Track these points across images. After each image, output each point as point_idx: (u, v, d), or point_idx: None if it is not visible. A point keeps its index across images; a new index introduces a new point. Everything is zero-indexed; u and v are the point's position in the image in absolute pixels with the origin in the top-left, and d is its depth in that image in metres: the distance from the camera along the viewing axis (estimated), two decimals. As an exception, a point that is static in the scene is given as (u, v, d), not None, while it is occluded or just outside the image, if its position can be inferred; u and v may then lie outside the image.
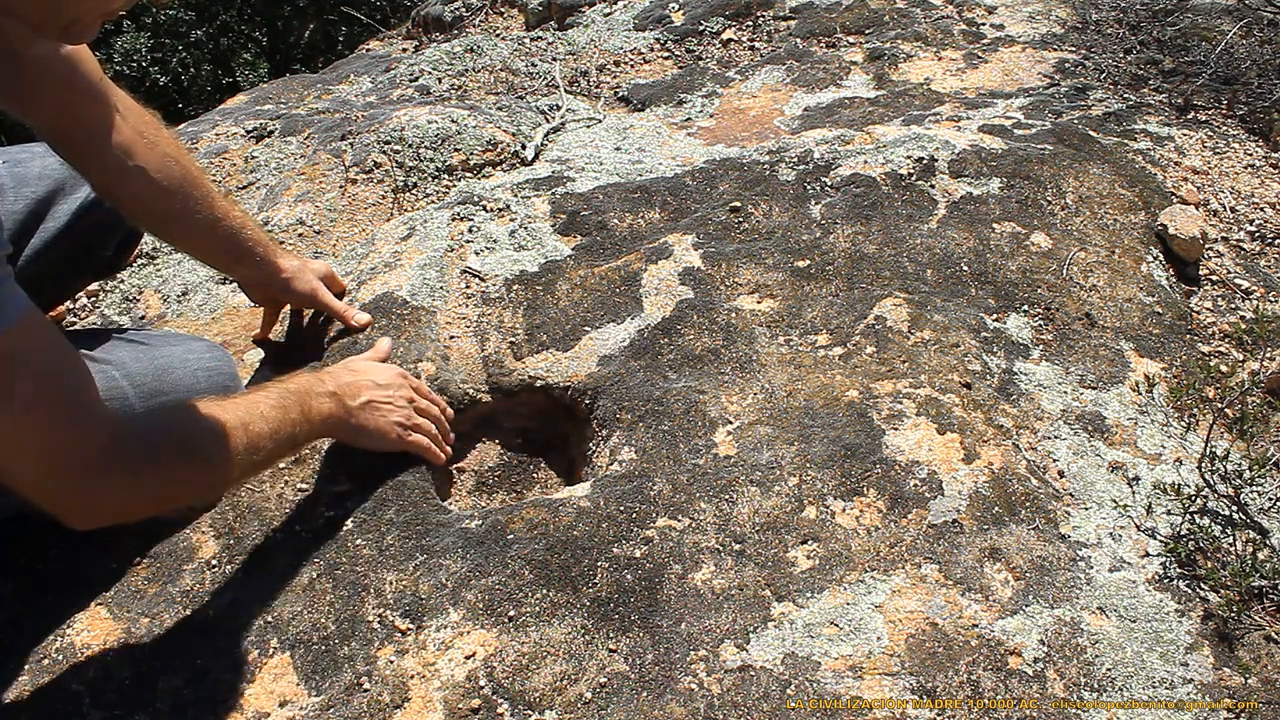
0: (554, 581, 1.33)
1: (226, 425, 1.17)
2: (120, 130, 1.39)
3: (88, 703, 1.26)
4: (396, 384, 1.49)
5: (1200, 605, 1.31)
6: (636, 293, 1.77)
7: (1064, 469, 1.49)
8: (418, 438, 1.49)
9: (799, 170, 2.05)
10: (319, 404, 1.36)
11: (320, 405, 1.36)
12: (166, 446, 1.13)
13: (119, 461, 1.06)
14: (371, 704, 1.22)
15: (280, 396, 1.29)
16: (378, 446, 1.47)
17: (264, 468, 1.33)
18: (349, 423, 1.42)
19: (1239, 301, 1.85)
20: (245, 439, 1.20)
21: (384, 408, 1.45)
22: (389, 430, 1.46)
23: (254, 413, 1.23)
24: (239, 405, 1.22)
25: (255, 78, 7.79)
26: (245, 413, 1.21)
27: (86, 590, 1.39)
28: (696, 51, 2.91)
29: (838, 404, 1.55)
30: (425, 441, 1.50)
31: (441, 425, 1.55)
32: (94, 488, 1.06)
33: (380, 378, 1.48)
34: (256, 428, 1.22)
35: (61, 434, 1.00)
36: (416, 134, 2.27)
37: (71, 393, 1.02)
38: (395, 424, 1.46)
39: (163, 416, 1.18)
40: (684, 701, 1.19)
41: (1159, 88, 2.47)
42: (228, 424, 1.18)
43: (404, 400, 1.49)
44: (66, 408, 1.01)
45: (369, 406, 1.44)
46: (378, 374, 1.49)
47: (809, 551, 1.35)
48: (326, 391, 1.39)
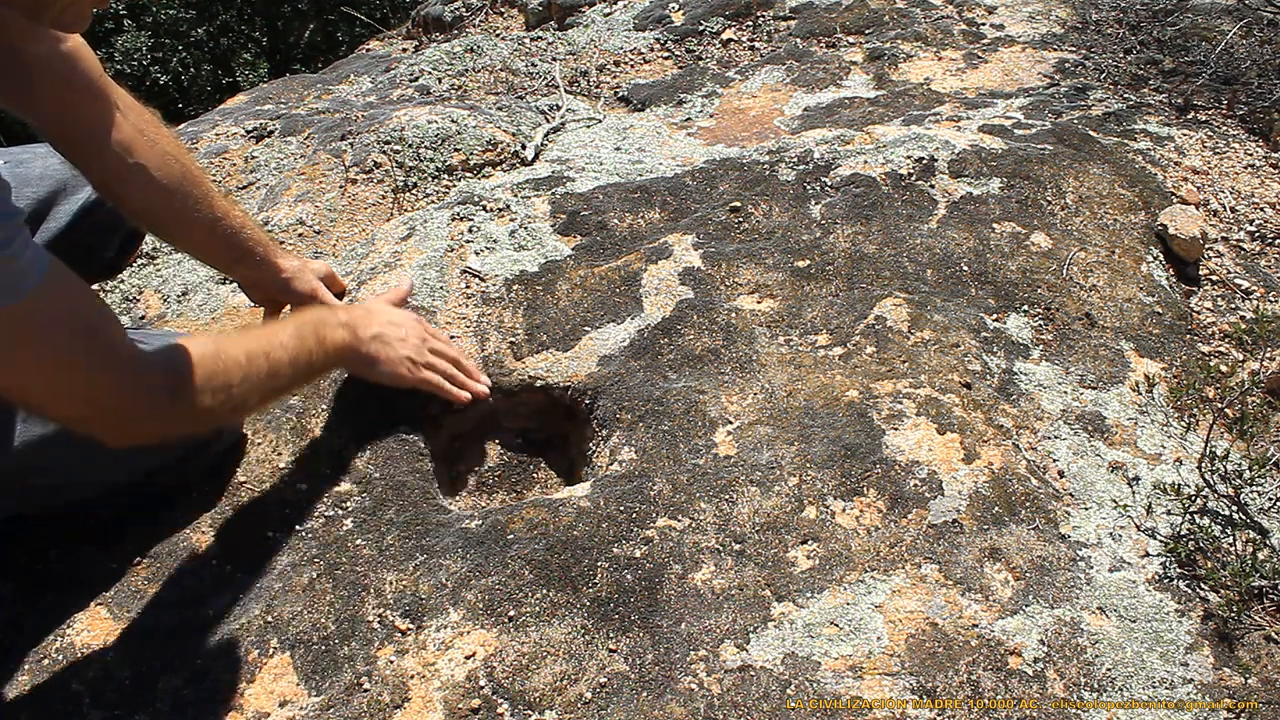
0: (554, 581, 1.33)
1: (249, 353, 1.24)
2: (120, 128, 1.39)
3: (88, 703, 1.26)
4: (409, 323, 1.54)
5: (1200, 605, 1.31)
6: (636, 293, 1.77)
7: (1064, 469, 1.49)
8: (429, 374, 1.52)
9: (799, 170, 2.05)
10: (333, 334, 1.41)
11: (334, 335, 1.41)
12: (193, 374, 1.17)
13: (150, 393, 1.13)
14: (371, 704, 1.22)
15: (297, 327, 1.35)
16: (389, 380, 1.50)
17: (285, 394, 1.40)
18: (360, 352, 1.45)
19: (1239, 301, 1.85)
20: (267, 366, 1.26)
21: (395, 342, 1.49)
22: (399, 363, 1.49)
23: (274, 342, 1.29)
24: (260, 336, 1.29)
25: (255, 78, 7.79)
26: (266, 342, 1.28)
27: (86, 590, 1.39)
28: (696, 51, 2.91)
29: (838, 404, 1.55)
30: (437, 378, 1.53)
31: (461, 365, 1.59)
32: (130, 417, 1.14)
33: (394, 316, 1.53)
34: (277, 355, 1.28)
35: (95, 376, 1.07)
36: (416, 134, 2.27)
37: (100, 337, 1.07)
38: (406, 358, 1.50)
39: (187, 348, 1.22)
40: (684, 701, 1.19)
41: (1159, 88, 2.47)
42: (251, 352, 1.24)
43: (416, 338, 1.53)
44: (97, 352, 1.07)
45: (380, 339, 1.47)
46: (392, 313, 1.54)
47: (809, 551, 1.35)
48: (340, 322, 1.43)
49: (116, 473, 1.41)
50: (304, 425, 1.58)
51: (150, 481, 1.45)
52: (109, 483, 1.42)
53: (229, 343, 1.24)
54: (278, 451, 1.55)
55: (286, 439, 1.56)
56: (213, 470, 1.52)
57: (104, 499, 1.45)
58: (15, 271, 0.95)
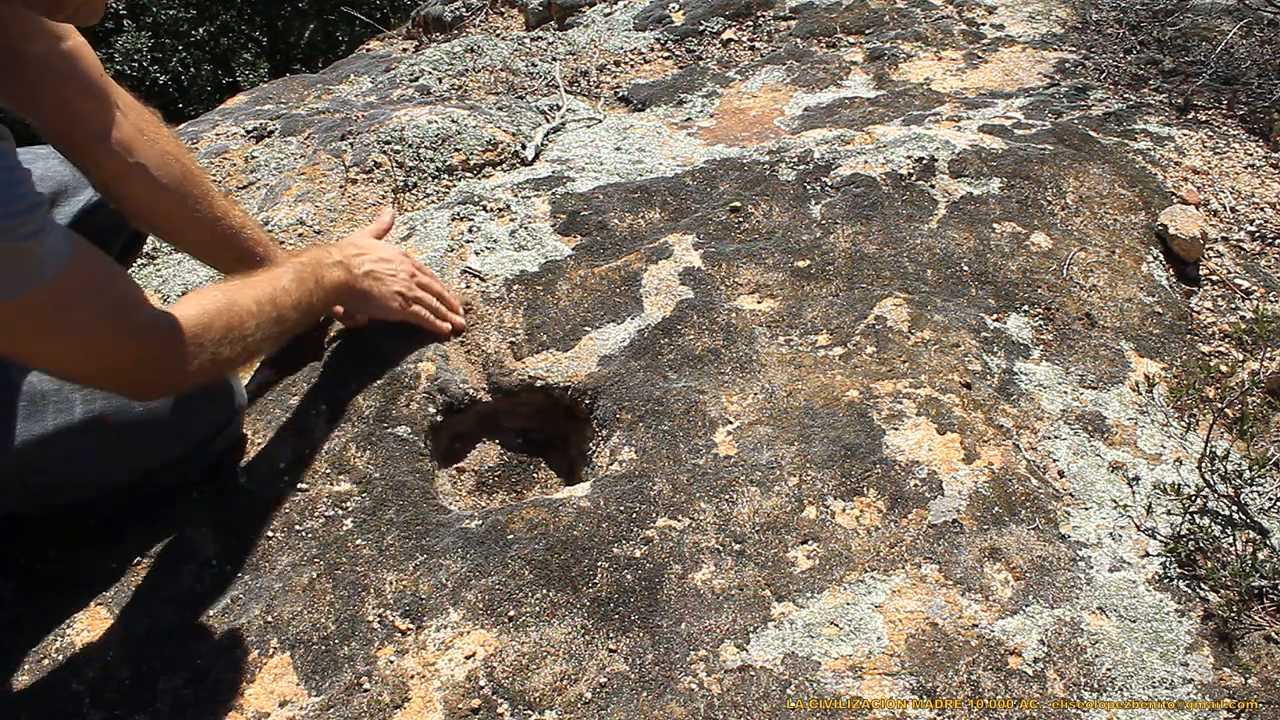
0: (554, 581, 1.33)
1: (258, 300, 1.31)
2: (120, 127, 1.39)
3: (88, 703, 1.26)
4: (399, 259, 1.62)
5: (1200, 605, 1.31)
6: (636, 293, 1.77)
7: (1064, 469, 1.49)
8: (418, 309, 1.62)
9: (799, 170, 2.05)
10: (330, 273, 1.48)
11: (331, 274, 1.48)
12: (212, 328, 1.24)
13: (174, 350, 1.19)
14: (371, 704, 1.22)
15: (297, 270, 1.41)
16: (381, 314, 1.60)
17: (291, 335, 1.45)
18: (356, 289, 1.53)
19: (1239, 301, 1.85)
20: (275, 312, 1.33)
21: (386, 278, 1.58)
22: (391, 298, 1.58)
23: (278, 287, 1.35)
24: (264, 282, 1.35)
25: (255, 78, 7.79)
26: (271, 288, 1.34)
27: (86, 590, 1.39)
28: (696, 51, 2.91)
29: (838, 404, 1.55)
30: (425, 313, 1.63)
31: (446, 300, 1.68)
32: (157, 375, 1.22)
33: (384, 252, 1.61)
34: (282, 300, 1.35)
35: (124, 341, 1.14)
36: (416, 134, 2.27)
37: (126, 304, 1.14)
38: (397, 293, 1.59)
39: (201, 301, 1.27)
40: (684, 701, 1.19)
41: (1159, 88, 2.47)
42: (259, 299, 1.31)
43: (405, 274, 1.61)
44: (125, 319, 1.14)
45: (372, 275, 1.56)
46: (381, 249, 1.61)
47: (809, 551, 1.35)
48: (334, 261, 1.50)
49: (116, 473, 1.41)
50: (304, 425, 1.58)
51: (150, 481, 1.45)
52: (109, 483, 1.42)
53: (239, 293, 1.30)
54: (278, 451, 1.55)
55: (286, 439, 1.56)
56: (213, 470, 1.52)
57: (104, 499, 1.45)
58: (45, 253, 1.00)
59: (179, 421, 1.41)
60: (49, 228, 1.00)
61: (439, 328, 1.65)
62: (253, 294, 1.31)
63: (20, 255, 0.97)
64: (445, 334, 1.66)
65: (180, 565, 1.41)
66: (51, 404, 1.27)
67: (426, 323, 1.64)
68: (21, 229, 0.96)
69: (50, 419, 1.27)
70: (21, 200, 0.96)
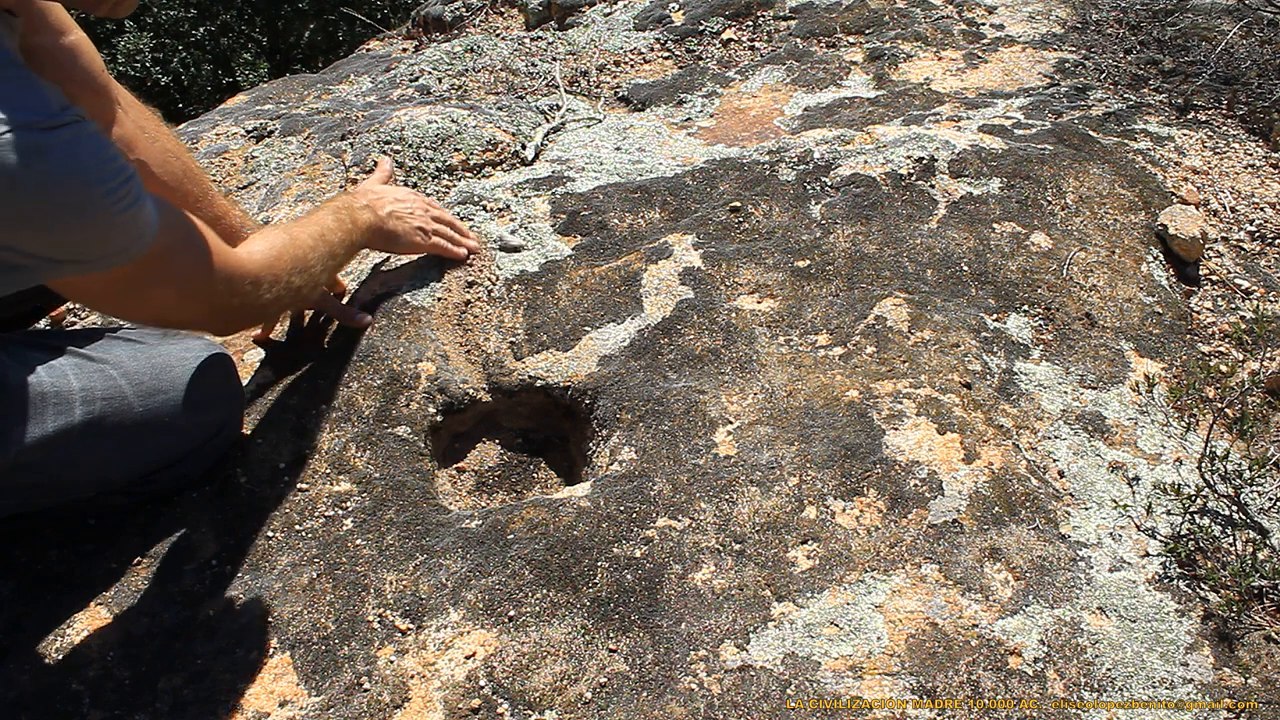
0: (554, 581, 1.33)
1: (313, 236, 1.43)
2: (121, 124, 1.39)
3: (88, 703, 1.26)
4: (410, 198, 1.72)
5: (1200, 605, 1.31)
6: (636, 293, 1.77)
7: (1064, 469, 1.49)
8: (438, 240, 1.74)
9: (799, 170, 2.05)
10: (361, 215, 1.57)
11: (363, 216, 1.58)
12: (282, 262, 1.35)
13: (255, 286, 1.30)
14: (371, 704, 1.22)
15: (334, 212, 1.51)
16: (408, 251, 1.73)
17: (336, 271, 1.58)
18: (383, 229, 1.63)
19: (1239, 301, 1.84)
20: (326, 248, 1.45)
21: (407, 216, 1.68)
22: (414, 234, 1.68)
23: (325, 226, 1.46)
24: (312, 222, 1.46)
25: (255, 78, 7.78)
26: (319, 227, 1.45)
27: (86, 590, 1.39)
28: (696, 51, 2.91)
29: (838, 404, 1.55)
30: (444, 242, 1.75)
31: (457, 228, 1.80)
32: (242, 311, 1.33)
33: (399, 194, 1.71)
34: (330, 238, 1.46)
35: (215, 285, 1.24)
36: (416, 134, 2.27)
37: (210, 253, 1.22)
38: (418, 229, 1.69)
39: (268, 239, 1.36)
40: (684, 701, 1.19)
41: (1159, 88, 2.47)
42: (313, 235, 1.43)
43: (421, 210, 1.72)
44: (214, 264, 1.23)
45: (395, 215, 1.66)
46: (394, 191, 1.72)
47: (809, 551, 1.35)
48: (363, 205, 1.60)
49: (116, 473, 1.41)
50: (304, 425, 1.58)
51: (150, 481, 1.45)
52: (109, 483, 1.42)
53: (295, 231, 1.41)
54: (278, 451, 1.55)
55: (286, 439, 1.56)
56: (213, 470, 1.52)
57: (104, 499, 1.45)
58: (144, 220, 1.06)
59: (179, 422, 1.41)
60: (143, 195, 1.06)
61: (458, 254, 1.78)
62: (306, 232, 1.42)
63: (126, 224, 1.03)
64: (463, 258, 1.79)
65: (180, 565, 1.41)
66: (51, 405, 1.27)
67: (448, 251, 1.76)
68: (124, 200, 1.02)
69: (50, 420, 1.27)
70: (120, 174, 1.01)
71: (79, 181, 0.97)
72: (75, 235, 1.00)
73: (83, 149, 0.98)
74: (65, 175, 0.95)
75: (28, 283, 1.05)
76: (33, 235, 0.98)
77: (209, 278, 1.22)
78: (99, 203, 0.99)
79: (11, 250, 0.98)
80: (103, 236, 1.02)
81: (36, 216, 0.96)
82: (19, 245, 0.98)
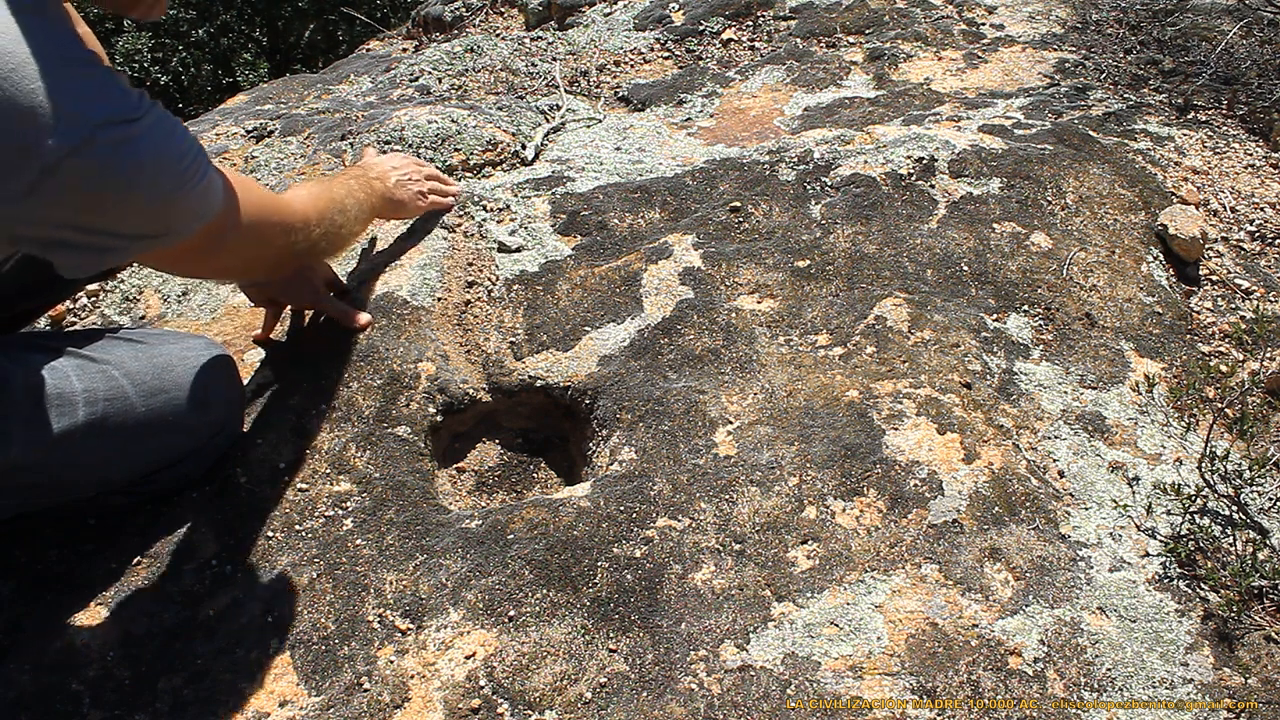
0: (554, 581, 1.33)
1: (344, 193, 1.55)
2: None
3: (88, 703, 1.26)
4: (405, 164, 1.87)
5: (1200, 605, 1.31)
6: (636, 293, 1.77)
7: (1064, 469, 1.49)
8: (434, 197, 1.90)
9: (799, 170, 2.05)
10: (374, 184, 1.70)
11: (375, 185, 1.70)
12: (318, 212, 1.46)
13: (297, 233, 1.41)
14: (371, 704, 1.22)
15: (355, 179, 1.64)
16: (411, 214, 1.88)
17: (360, 232, 1.67)
18: (393, 198, 1.77)
19: (1239, 301, 1.85)
20: (354, 205, 1.57)
21: (407, 183, 1.83)
22: (416, 198, 1.84)
23: (349, 187, 1.59)
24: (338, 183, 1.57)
25: (255, 78, 7.78)
26: (344, 187, 1.57)
27: (86, 590, 1.39)
28: (696, 51, 2.91)
29: (838, 404, 1.55)
30: (438, 198, 1.91)
31: (442, 179, 1.97)
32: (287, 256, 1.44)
33: (395, 161, 1.85)
34: (356, 197, 1.59)
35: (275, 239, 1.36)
36: (416, 134, 2.26)
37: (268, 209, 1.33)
38: (418, 193, 1.85)
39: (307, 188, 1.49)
40: (684, 701, 1.19)
41: (1159, 88, 2.47)
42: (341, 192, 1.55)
43: (416, 173, 1.87)
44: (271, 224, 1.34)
45: (399, 184, 1.80)
46: (390, 160, 1.85)
47: (809, 551, 1.35)
48: (374, 175, 1.73)
49: (117, 473, 1.41)
50: (304, 425, 1.58)
51: (150, 481, 1.45)
52: (109, 483, 1.42)
53: (326, 182, 1.55)
54: (278, 451, 1.55)
55: (286, 439, 1.56)
56: (213, 470, 1.52)
57: (104, 499, 1.45)
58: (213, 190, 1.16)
59: (180, 422, 1.41)
60: (209, 165, 1.15)
61: (448, 204, 1.94)
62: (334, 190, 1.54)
63: (204, 193, 1.13)
64: (450, 206, 1.94)
65: (180, 565, 1.41)
66: (54, 407, 1.27)
67: (441, 205, 1.92)
68: (195, 174, 1.11)
69: (53, 422, 1.27)
70: (190, 152, 1.11)
71: (164, 164, 1.07)
72: (165, 212, 1.10)
73: (160, 133, 1.07)
74: (153, 161, 1.05)
75: (117, 261, 1.14)
76: (129, 219, 1.08)
77: (270, 231, 1.34)
78: (181, 178, 1.09)
79: (111, 235, 1.07)
80: (188, 208, 1.12)
81: (132, 202, 1.05)
82: (118, 229, 1.08)
